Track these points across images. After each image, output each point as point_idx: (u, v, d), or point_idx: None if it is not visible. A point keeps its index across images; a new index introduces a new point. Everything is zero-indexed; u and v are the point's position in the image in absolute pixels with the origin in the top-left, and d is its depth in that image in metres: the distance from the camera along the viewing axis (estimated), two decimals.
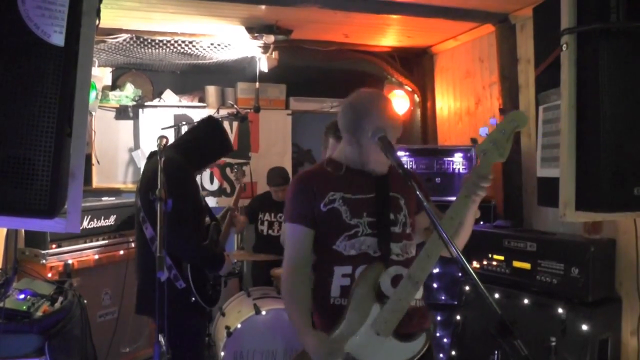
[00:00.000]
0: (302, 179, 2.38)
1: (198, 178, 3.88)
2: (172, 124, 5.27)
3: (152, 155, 3.32)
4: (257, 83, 5.45)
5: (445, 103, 5.52)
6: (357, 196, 2.26)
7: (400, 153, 4.26)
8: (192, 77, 6.04)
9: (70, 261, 4.12)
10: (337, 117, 2.37)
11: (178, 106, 5.71)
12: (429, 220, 2.01)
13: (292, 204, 2.32)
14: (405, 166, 2.08)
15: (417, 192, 1.98)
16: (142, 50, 4.94)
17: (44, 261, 3.99)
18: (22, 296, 3.02)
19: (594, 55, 2.11)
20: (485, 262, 3.76)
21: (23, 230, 4.05)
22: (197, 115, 5.56)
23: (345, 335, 2.10)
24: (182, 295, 3.06)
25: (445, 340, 4.30)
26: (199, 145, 3.38)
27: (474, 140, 2.14)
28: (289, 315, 2.29)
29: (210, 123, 3.55)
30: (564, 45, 2.18)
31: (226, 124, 5.69)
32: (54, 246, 4.06)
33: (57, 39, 1.65)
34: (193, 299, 3.13)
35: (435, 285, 4.34)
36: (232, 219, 3.95)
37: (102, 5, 1.86)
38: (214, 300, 3.39)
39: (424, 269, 2.07)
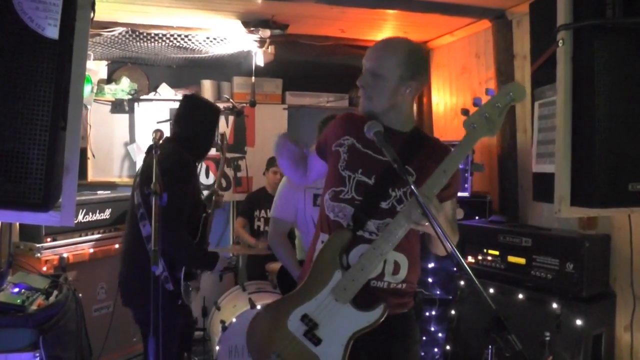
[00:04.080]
0: (347, 116, 2.41)
1: None
2: (168, 118, 5.25)
3: (151, 149, 3.26)
4: (253, 77, 5.44)
5: (441, 99, 5.52)
6: (366, 150, 2.21)
7: None
8: (188, 71, 6.03)
9: (65, 255, 4.12)
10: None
11: (174, 100, 5.67)
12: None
13: (324, 135, 2.42)
14: (401, 161, 2.03)
15: (412, 187, 1.95)
16: (138, 44, 4.91)
17: (38, 255, 3.98)
18: (16, 290, 3.01)
19: (590, 51, 2.11)
20: (480, 257, 3.77)
21: (18, 224, 4.04)
22: None
23: (303, 297, 2.16)
24: (168, 296, 3.05)
25: (440, 335, 4.31)
26: (193, 133, 3.32)
27: (465, 112, 2.07)
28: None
29: (192, 104, 3.44)
30: (560, 41, 2.18)
31: (222, 118, 5.69)
32: (48, 240, 4.05)
33: (52, 32, 1.64)
34: (180, 301, 3.14)
35: (430, 280, 4.35)
36: (216, 200, 3.87)
37: None
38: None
39: (390, 242, 2.05)
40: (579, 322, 3.09)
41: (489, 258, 3.71)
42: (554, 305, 3.20)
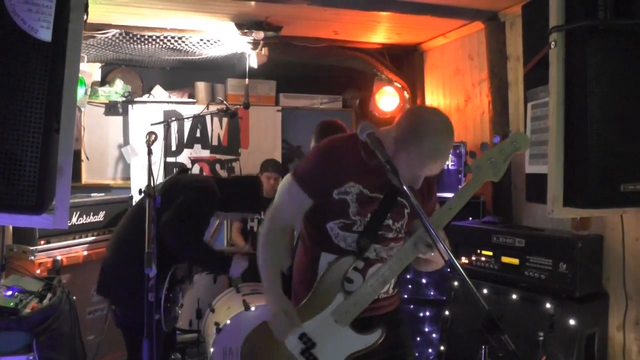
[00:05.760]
0: (333, 153, 2.24)
1: None
2: (162, 120, 5.24)
3: (184, 170, 3.60)
4: (247, 79, 5.43)
5: (435, 100, 5.54)
6: (373, 194, 2.20)
7: None
8: (182, 73, 6.02)
9: (59, 257, 4.10)
10: (402, 116, 2.22)
11: (168, 102, 5.68)
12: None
13: (308, 169, 2.24)
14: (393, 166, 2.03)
15: (414, 204, 1.98)
16: (132, 45, 4.91)
17: (32, 257, 3.96)
18: (9, 293, 3.00)
19: (582, 52, 2.12)
20: (474, 258, 3.77)
21: (11, 227, 4.02)
22: (187, 111, 5.53)
23: (303, 316, 2.18)
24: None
25: (434, 335, 4.32)
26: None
27: (472, 154, 2.15)
28: (261, 272, 2.28)
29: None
30: (553, 42, 2.19)
31: (216, 120, 5.71)
32: (42, 242, 4.04)
33: (45, 34, 1.64)
34: (157, 316, 3.11)
35: (424, 280, 4.36)
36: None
37: (91, 1, 1.85)
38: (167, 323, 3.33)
39: (395, 271, 2.14)
40: (572, 321, 3.10)
41: (483, 259, 3.72)
42: (547, 305, 3.21)
